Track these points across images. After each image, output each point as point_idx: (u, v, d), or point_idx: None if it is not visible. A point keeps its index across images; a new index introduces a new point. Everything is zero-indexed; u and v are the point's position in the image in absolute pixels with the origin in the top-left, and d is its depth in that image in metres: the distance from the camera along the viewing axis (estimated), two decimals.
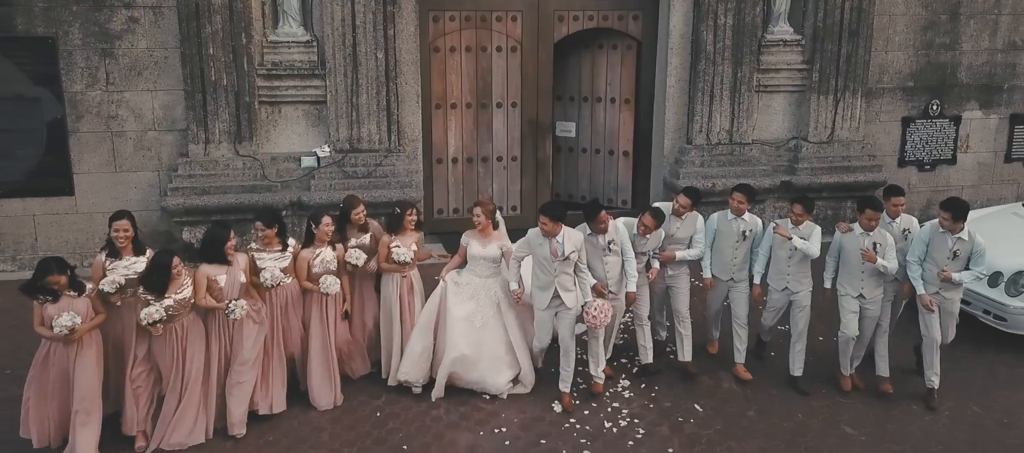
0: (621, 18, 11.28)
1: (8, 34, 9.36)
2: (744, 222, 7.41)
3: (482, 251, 7.06)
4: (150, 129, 9.95)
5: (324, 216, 6.89)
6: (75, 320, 5.85)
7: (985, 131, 12.10)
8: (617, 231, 7.08)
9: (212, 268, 6.40)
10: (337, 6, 9.84)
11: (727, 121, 11.08)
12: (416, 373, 7.08)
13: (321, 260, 6.80)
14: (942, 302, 7.04)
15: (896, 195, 7.27)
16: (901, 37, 11.50)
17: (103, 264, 6.38)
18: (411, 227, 7.15)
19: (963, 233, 6.91)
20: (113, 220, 6.45)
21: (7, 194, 9.76)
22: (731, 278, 7.49)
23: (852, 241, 7.04)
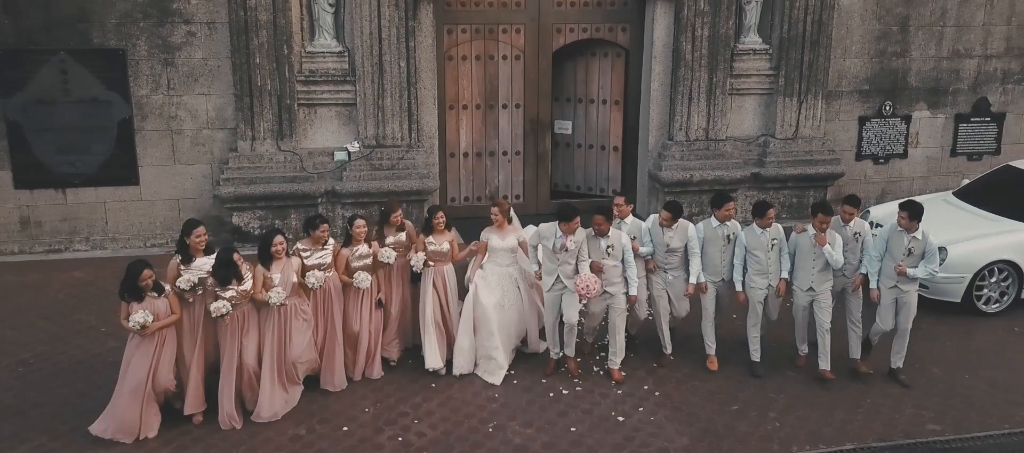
0: (611, 30, 12.85)
1: (86, 46, 10.92)
2: (727, 228, 8.22)
3: (501, 243, 8.18)
4: (204, 128, 11.52)
5: (358, 218, 7.94)
6: (147, 317, 6.74)
7: (933, 129, 13.69)
8: (619, 239, 7.89)
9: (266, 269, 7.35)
10: (366, 22, 11.40)
11: (704, 120, 12.66)
12: (466, 364, 8.15)
13: (358, 256, 7.83)
14: (900, 295, 7.91)
15: (851, 204, 8.08)
16: (857, 46, 13.08)
17: (177, 266, 7.25)
18: (441, 228, 8.16)
19: (918, 233, 7.79)
20: (190, 227, 7.33)
21: (83, 184, 11.32)
22: (721, 279, 8.30)
23: (805, 240, 7.97)
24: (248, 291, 7.17)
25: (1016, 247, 9.57)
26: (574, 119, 13.66)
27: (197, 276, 7.18)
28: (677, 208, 8.11)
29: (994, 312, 9.69)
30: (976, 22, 13.31)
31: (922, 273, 7.89)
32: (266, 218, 11.60)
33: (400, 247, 8.17)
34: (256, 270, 7.32)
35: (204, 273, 7.21)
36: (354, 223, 7.91)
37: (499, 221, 8.23)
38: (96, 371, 8.22)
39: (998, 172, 11.24)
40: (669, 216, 8.05)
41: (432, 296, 8.11)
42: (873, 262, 8.01)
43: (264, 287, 7.26)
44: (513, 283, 8.21)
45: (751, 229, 8.15)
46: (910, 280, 7.92)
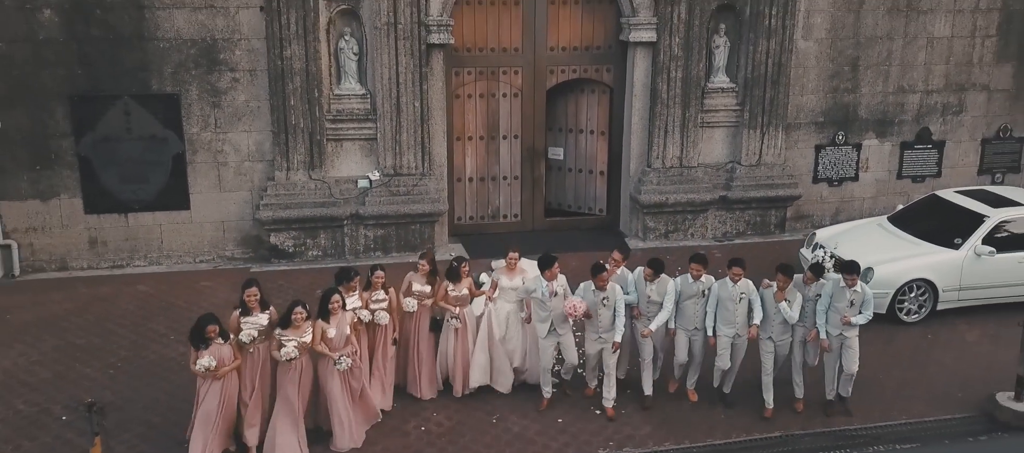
0: (597, 71, 14.69)
1: (146, 92, 12.75)
2: (702, 283, 9.18)
3: (509, 283, 9.41)
4: (246, 160, 13.36)
5: (377, 270, 8.99)
6: (211, 362, 7.74)
7: (881, 155, 15.56)
8: (614, 291, 8.96)
9: (325, 323, 8.27)
10: (385, 69, 13.23)
11: (678, 149, 14.51)
12: (482, 377, 9.48)
13: (376, 300, 8.94)
14: (845, 340, 9.09)
15: (814, 272, 9.32)
16: (813, 84, 14.92)
17: (238, 319, 8.19)
18: (465, 275, 9.42)
19: (858, 286, 9.01)
20: (245, 287, 8.34)
21: (142, 209, 13.16)
22: (694, 328, 9.30)
23: (769, 296, 9.13)
24: (307, 344, 8.15)
25: (932, 267, 11.46)
26: (565, 146, 15.50)
27: (256, 329, 8.20)
28: (659, 265, 9.16)
29: (913, 321, 11.58)
30: (918, 62, 15.16)
31: (863, 320, 9.07)
32: (299, 238, 13.47)
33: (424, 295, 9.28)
34: (316, 326, 8.28)
35: (262, 326, 8.23)
36: (374, 273, 9.03)
37: (512, 263, 9.47)
38: (173, 373, 10.09)
39: (925, 200, 13.13)
40: (651, 272, 9.12)
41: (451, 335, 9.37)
42: (821, 316, 9.15)
43: (322, 340, 8.26)
44: (517, 320, 9.52)
45: (724, 282, 9.20)
46: (853, 327, 9.11)
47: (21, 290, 12.43)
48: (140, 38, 12.54)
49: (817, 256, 12.28)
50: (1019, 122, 15.89)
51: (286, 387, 8.20)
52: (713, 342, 9.30)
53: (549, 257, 9.11)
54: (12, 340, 10.90)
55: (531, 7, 14.11)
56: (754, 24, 14.17)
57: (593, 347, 9.23)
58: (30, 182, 12.71)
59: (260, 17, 12.76)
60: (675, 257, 14.01)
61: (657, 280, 9.19)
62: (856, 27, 14.72)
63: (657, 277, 9.17)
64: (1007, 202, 12.17)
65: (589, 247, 14.27)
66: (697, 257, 9.31)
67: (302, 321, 8.14)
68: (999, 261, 11.50)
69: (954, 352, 10.94)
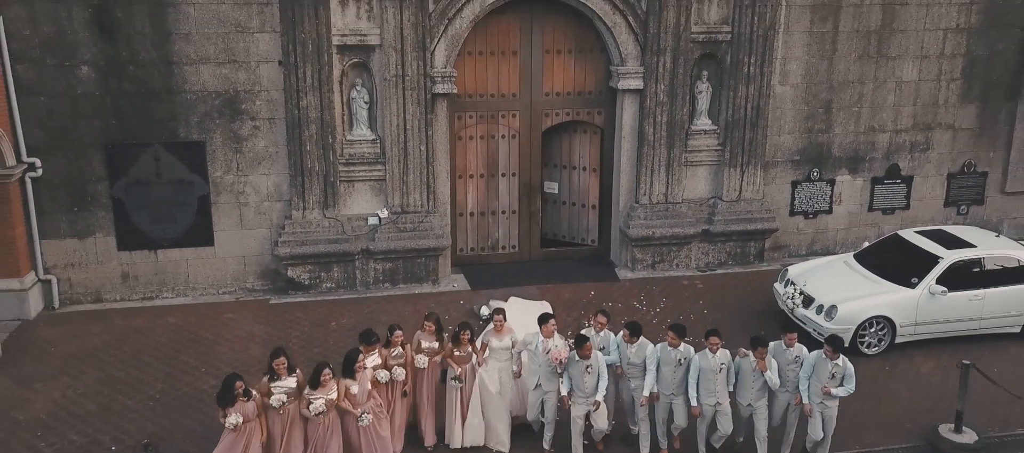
0: (589, 113, 15.84)
1: (174, 139, 13.90)
2: (679, 352, 9.78)
3: (499, 344, 10.20)
4: (265, 200, 14.52)
5: (396, 330, 9.91)
6: (238, 419, 8.69)
7: (853, 189, 16.73)
8: (597, 358, 9.70)
9: (349, 380, 9.23)
10: (394, 116, 14.38)
11: (663, 186, 15.68)
12: (476, 437, 10.24)
13: (394, 356, 9.89)
14: (824, 409, 9.70)
15: (791, 332, 9.96)
16: (790, 125, 16.08)
17: (267, 383, 9.08)
18: (466, 341, 10.12)
19: (839, 360, 9.56)
20: (273, 357, 9.18)
21: (170, 245, 14.32)
22: (672, 393, 9.92)
23: (747, 364, 9.76)
24: (334, 400, 9.11)
25: (890, 305, 12.63)
26: (560, 181, 16.65)
27: (284, 392, 9.09)
28: (637, 328, 9.89)
29: (873, 353, 12.76)
30: (888, 104, 16.32)
31: (843, 392, 9.66)
32: (314, 271, 14.64)
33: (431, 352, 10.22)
34: (339, 384, 9.25)
35: (290, 388, 9.13)
36: (393, 332, 10.01)
37: (499, 325, 10.32)
38: (205, 404, 11.23)
39: (888, 239, 14.29)
40: (629, 334, 9.84)
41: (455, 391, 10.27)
42: (803, 382, 9.79)
43: (346, 396, 9.22)
44: (509, 374, 10.42)
45: (704, 354, 9.79)
46: (833, 398, 9.72)
47: (61, 322, 13.60)
48: (169, 91, 13.68)
49: (788, 292, 13.49)
50: (982, 158, 17.05)
51: (321, 439, 9.17)
52: (696, 412, 9.85)
53: (546, 315, 10.14)
54: (58, 373, 12.07)
55: (528, 57, 15.25)
56: (734, 71, 15.31)
57: (579, 409, 9.92)
58: (69, 222, 13.87)
59: (278, 70, 13.90)
60: (662, 287, 15.24)
61: (637, 343, 9.93)
62: (829, 73, 15.88)
63: (636, 340, 9.93)
64: (961, 243, 13.32)
65: (582, 278, 15.54)
66: (675, 327, 9.95)
67: (329, 380, 9.15)
68: (951, 299, 12.68)
69: (908, 383, 12.12)
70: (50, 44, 13.14)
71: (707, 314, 14.17)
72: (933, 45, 16.16)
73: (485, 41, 15.03)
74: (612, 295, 14.87)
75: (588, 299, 14.67)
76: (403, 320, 13.48)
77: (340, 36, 13.94)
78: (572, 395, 9.89)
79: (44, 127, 13.42)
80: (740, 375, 9.89)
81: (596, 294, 14.87)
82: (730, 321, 13.83)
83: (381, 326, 13.14)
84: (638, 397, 10.04)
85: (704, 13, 15.10)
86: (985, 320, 12.96)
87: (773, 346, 10.00)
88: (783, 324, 10.60)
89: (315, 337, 13.19)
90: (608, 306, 14.26)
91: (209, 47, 13.64)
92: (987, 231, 14.32)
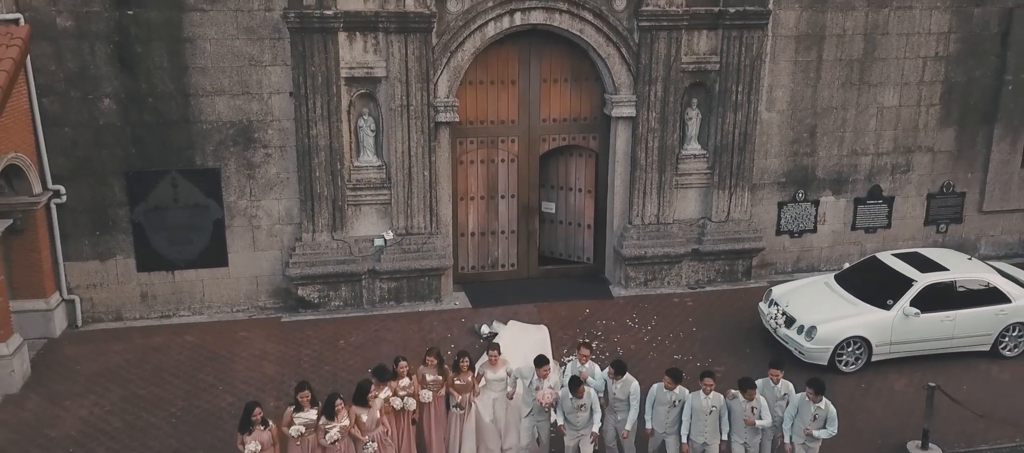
0: (584, 138, 16.62)
1: (191, 167, 14.67)
2: (674, 394, 10.30)
3: (494, 376, 10.93)
4: (276, 223, 15.29)
5: (401, 361, 10.54)
6: (257, 447, 9.22)
7: (836, 210, 17.52)
8: (590, 396, 10.23)
9: (359, 408, 9.87)
10: (399, 143, 15.16)
11: (655, 208, 16.46)
12: None
13: (402, 387, 10.49)
14: (807, 449, 10.16)
15: (775, 368, 10.52)
16: (776, 149, 16.86)
17: (291, 415, 9.73)
18: (465, 369, 10.87)
19: (822, 403, 9.98)
20: (298, 390, 9.87)
21: (187, 266, 15.11)
22: (665, 431, 10.43)
23: (737, 405, 10.18)
24: (347, 427, 9.78)
25: (867, 326, 13.42)
26: (557, 202, 17.44)
27: (305, 423, 9.73)
28: (622, 367, 10.47)
29: (851, 371, 13.56)
30: (870, 128, 17.10)
31: (825, 434, 10.10)
32: (323, 290, 15.42)
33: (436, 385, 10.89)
34: (350, 411, 9.92)
35: (311, 420, 9.77)
36: (398, 363, 10.62)
37: (493, 359, 11.06)
38: (224, 422, 12.05)
39: (867, 261, 15.06)
40: (614, 372, 10.42)
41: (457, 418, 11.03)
42: (786, 422, 10.30)
43: (356, 423, 9.87)
44: (503, 404, 11.08)
45: (697, 395, 10.24)
46: (815, 439, 10.19)
47: (85, 340, 14.39)
48: (186, 121, 14.46)
49: (772, 312, 14.28)
50: (960, 179, 17.83)
51: None
52: (685, 450, 10.31)
53: (542, 358, 10.73)
54: (84, 391, 12.86)
55: (526, 85, 16.03)
56: (723, 99, 16.10)
57: (572, 440, 10.52)
58: (91, 245, 14.65)
59: (290, 101, 14.67)
60: (654, 304, 16.03)
61: (621, 380, 10.49)
62: (814, 99, 16.66)
63: (621, 377, 10.48)
64: (935, 266, 14.10)
65: (578, 296, 16.35)
66: (671, 372, 10.49)
67: (342, 409, 9.88)
68: (924, 320, 13.47)
69: (882, 401, 12.92)
70: (74, 78, 13.91)
71: (696, 332, 14.96)
72: (913, 72, 16.94)
73: (486, 71, 15.80)
74: (606, 313, 15.66)
75: (583, 317, 15.46)
76: (407, 338, 14.42)
77: (348, 69, 14.71)
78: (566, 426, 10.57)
79: (68, 156, 14.19)
80: (732, 416, 10.31)
81: (591, 312, 15.66)
82: (718, 339, 14.66)
83: (387, 343, 14.13)
84: (621, 430, 10.64)
85: (694, 44, 15.87)
86: (956, 339, 13.75)
87: (761, 383, 10.47)
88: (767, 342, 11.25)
89: (325, 355, 13.98)
90: (602, 324, 15.15)
91: (224, 80, 14.41)
92: (960, 254, 15.09)
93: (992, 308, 13.74)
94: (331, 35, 14.40)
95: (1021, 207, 18.22)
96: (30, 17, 13.45)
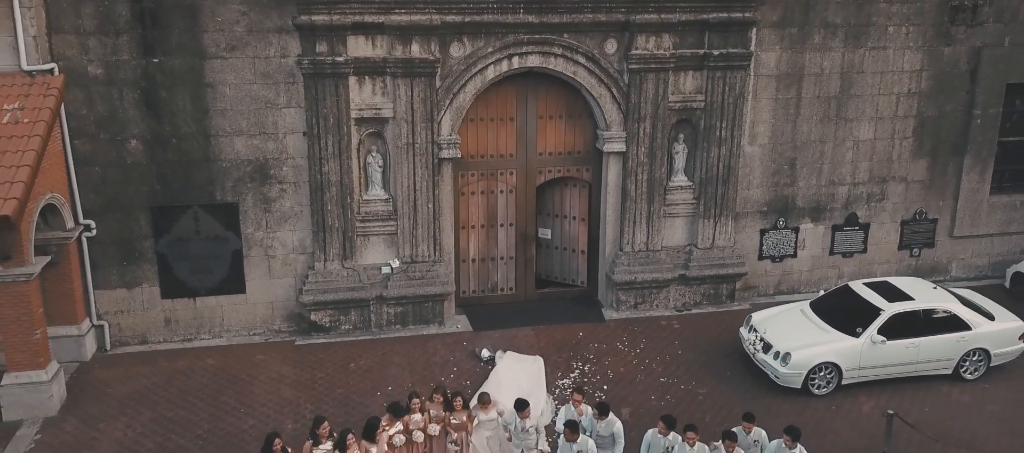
0: (578, 170, 17.72)
1: (211, 202, 15.76)
2: (668, 440, 10.91)
3: (485, 417, 11.91)
4: (291, 253, 16.40)
5: (414, 399, 11.59)
6: None
7: (815, 236, 18.63)
8: (586, 443, 10.83)
9: (368, 443, 10.86)
10: (405, 178, 16.25)
11: (645, 236, 17.57)
12: None
13: (413, 422, 11.61)
14: None
15: (748, 420, 11.36)
16: (758, 180, 17.96)
17: (310, 447, 10.64)
18: (459, 408, 11.77)
19: (797, 449, 10.74)
20: (317, 424, 10.87)
21: (207, 293, 16.22)
22: None
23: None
24: None
25: (837, 352, 14.54)
26: (553, 228, 18.54)
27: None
28: (605, 408, 11.40)
29: (823, 394, 14.69)
30: (846, 160, 18.21)
31: None
32: (334, 315, 16.54)
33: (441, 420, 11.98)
34: (360, 444, 10.92)
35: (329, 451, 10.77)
36: (412, 400, 11.70)
37: (484, 402, 12.13)
38: (247, 443, 13.17)
39: (840, 289, 16.16)
40: (598, 413, 11.33)
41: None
42: None
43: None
44: (497, 442, 12.03)
45: (683, 446, 10.98)
46: None
47: (113, 363, 15.50)
48: (207, 160, 15.55)
49: (751, 338, 15.41)
50: (933, 206, 18.94)
51: None
52: None
53: (522, 401, 11.72)
54: (117, 413, 13.98)
55: (524, 121, 17.13)
56: (708, 134, 17.19)
57: None
58: (119, 274, 15.76)
59: (303, 140, 15.76)
60: (643, 327, 17.15)
61: (605, 420, 11.42)
62: (793, 134, 17.75)
63: (605, 418, 11.39)
64: (902, 296, 15.21)
65: (572, 319, 17.45)
66: (666, 418, 11.16)
67: (354, 443, 10.94)
68: (890, 347, 14.60)
69: (850, 423, 14.05)
70: (104, 121, 14.99)
71: (681, 355, 16.09)
72: (887, 108, 18.03)
73: (486, 109, 16.89)
74: (598, 336, 16.78)
75: (577, 340, 16.58)
76: (413, 361, 15.57)
77: (358, 110, 15.80)
78: None
79: (98, 193, 15.28)
80: None
81: (584, 335, 16.78)
82: (702, 362, 15.79)
83: (395, 366, 15.27)
84: None
85: (680, 84, 16.96)
86: (921, 364, 14.89)
87: (737, 431, 11.31)
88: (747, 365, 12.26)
89: (337, 378, 15.10)
90: (594, 347, 16.27)
91: (242, 121, 15.50)
92: (927, 283, 16.18)
93: (954, 335, 14.86)
94: (342, 79, 15.48)
95: (990, 232, 19.31)
96: (64, 66, 14.53)
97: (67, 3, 14.34)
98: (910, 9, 17.44)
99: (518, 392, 12.54)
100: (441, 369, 15.37)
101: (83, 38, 14.53)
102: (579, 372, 15.38)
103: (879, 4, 17.27)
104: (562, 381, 15.07)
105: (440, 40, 15.68)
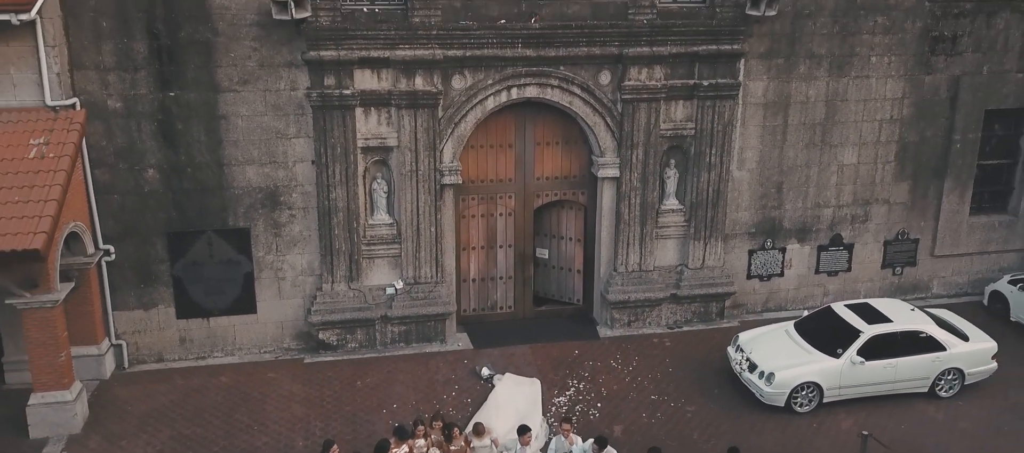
0: (574, 194, 18.51)
1: (224, 227, 16.55)
2: None
3: (480, 445, 12.70)
4: (299, 275, 17.20)
5: (419, 425, 12.58)
6: None
7: (801, 256, 19.43)
8: None
9: None
10: (408, 203, 17.04)
11: (637, 257, 18.37)
12: None
13: (418, 447, 12.51)
14: None
15: None
16: (746, 203, 18.76)
17: None
18: (457, 436, 12.70)
19: None
20: (326, 448, 11.87)
21: (220, 313, 17.01)
22: None
23: None
24: None
25: (818, 373, 15.34)
26: (550, 248, 19.34)
27: None
28: (603, 441, 12.04)
29: (805, 412, 15.50)
30: (831, 183, 19.00)
31: None
32: (341, 334, 17.34)
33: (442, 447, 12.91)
34: None
35: None
36: (416, 426, 12.75)
37: (479, 431, 12.98)
38: None
39: (822, 310, 16.96)
40: (597, 447, 11.96)
41: None
42: None
43: None
44: None
45: None
46: None
47: (131, 381, 16.29)
48: (220, 188, 16.34)
49: (738, 358, 16.21)
50: (914, 227, 19.74)
51: None
52: None
53: (524, 427, 12.56)
54: (137, 430, 14.77)
55: (522, 148, 17.92)
56: (698, 160, 17.98)
57: None
58: (136, 296, 16.56)
59: (312, 168, 16.55)
60: (636, 345, 17.95)
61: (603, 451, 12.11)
62: (780, 159, 18.54)
63: (603, 450, 12.03)
64: (881, 318, 16.00)
65: (568, 336, 18.24)
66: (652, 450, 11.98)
67: None
68: (868, 367, 15.40)
69: (830, 440, 14.85)
70: (122, 152, 15.77)
71: (672, 372, 16.90)
72: (870, 134, 18.82)
73: (486, 136, 17.68)
74: (593, 353, 17.59)
75: (573, 357, 17.39)
76: (416, 379, 16.38)
77: (364, 139, 16.59)
78: None
79: (117, 220, 16.07)
80: None
81: (580, 352, 17.58)
82: (691, 379, 16.59)
83: (400, 384, 16.08)
84: None
85: (671, 113, 17.75)
86: (898, 383, 15.69)
87: None
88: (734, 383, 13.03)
89: (345, 396, 15.90)
90: (589, 365, 17.06)
91: (254, 151, 16.28)
92: (905, 305, 16.93)
93: (929, 356, 15.67)
94: (349, 111, 16.27)
95: (969, 251, 20.12)
96: (85, 101, 15.30)
97: (88, 41, 15.11)
98: (892, 40, 18.22)
99: (515, 414, 13.32)
100: (443, 387, 16.17)
101: (103, 74, 15.31)
102: (574, 390, 16.16)
103: (862, 35, 18.05)
104: (558, 399, 15.87)
105: (442, 73, 16.46)
